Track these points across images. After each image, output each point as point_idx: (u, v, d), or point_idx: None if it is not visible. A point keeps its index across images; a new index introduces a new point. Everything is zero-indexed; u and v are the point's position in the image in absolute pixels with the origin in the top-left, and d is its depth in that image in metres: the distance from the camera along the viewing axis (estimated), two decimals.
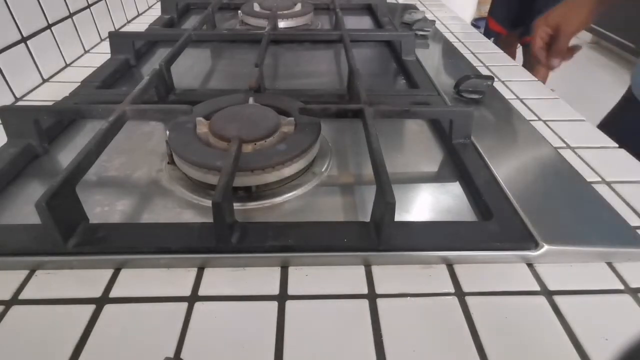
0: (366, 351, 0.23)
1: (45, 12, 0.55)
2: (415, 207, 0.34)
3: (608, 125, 0.62)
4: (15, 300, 0.26)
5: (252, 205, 0.33)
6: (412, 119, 0.45)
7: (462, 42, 0.70)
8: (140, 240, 0.28)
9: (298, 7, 0.74)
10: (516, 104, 0.49)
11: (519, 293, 0.27)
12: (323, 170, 0.37)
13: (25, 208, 0.33)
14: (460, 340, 0.24)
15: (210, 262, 0.28)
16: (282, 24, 0.69)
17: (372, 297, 0.27)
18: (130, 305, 0.26)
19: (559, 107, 0.50)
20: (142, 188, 0.35)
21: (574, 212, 0.32)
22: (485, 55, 0.65)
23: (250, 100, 0.41)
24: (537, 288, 0.27)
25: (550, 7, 0.62)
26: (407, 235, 0.29)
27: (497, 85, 0.53)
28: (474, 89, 0.47)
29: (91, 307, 0.26)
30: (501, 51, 0.67)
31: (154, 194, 0.35)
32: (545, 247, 0.28)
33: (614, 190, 0.36)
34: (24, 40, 0.51)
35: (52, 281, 0.27)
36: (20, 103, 0.49)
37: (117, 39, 0.58)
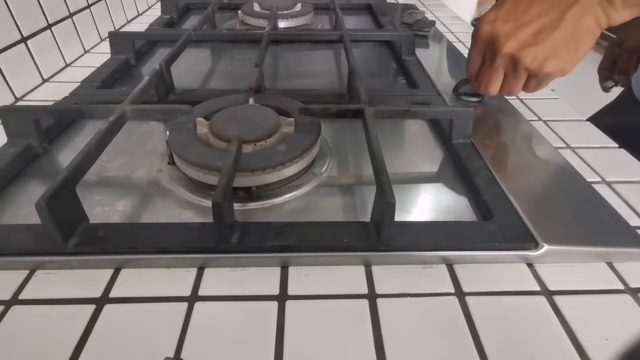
0: (366, 351, 0.23)
1: (45, 12, 0.55)
2: (415, 207, 0.34)
3: (602, 119, 0.61)
4: (15, 300, 0.26)
5: (252, 205, 0.33)
6: (412, 119, 0.45)
7: (462, 42, 0.70)
8: (140, 240, 0.28)
9: (298, 7, 0.74)
10: (516, 104, 0.49)
11: (519, 293, 0.27)
12: (323, 170, 0.37)
13: (25, 208, 0.33)
14: (460, 340, 0.24)
15: (210, 262, 0.28)
16: (282, 24, 0.69)
17: (372, 297, 0.27)
18: (130, 305, 0.26)
19: (559, 107, 0.50)
20: (142, 188, 0.35)
21: (574, 212, 0.32)
22: None
23: (251, 100, 0.41)
24: (537, 288, 0.27)
25: None
26: (407, 235, 0.29)
27: None
28: (473, 91, 0.47)
29: (91, 307, 0.26)
30: None
31: (154, 194, 0.35)
32: (545, 247, 0.28)
33: (614, 190, 0.36)
34: (24, 40, 0.51)
35: (52, 281, 0.27)
36: (20, 103, 0.49)
37: (117, 39, 0.58)
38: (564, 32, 0.36)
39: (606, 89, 0.63)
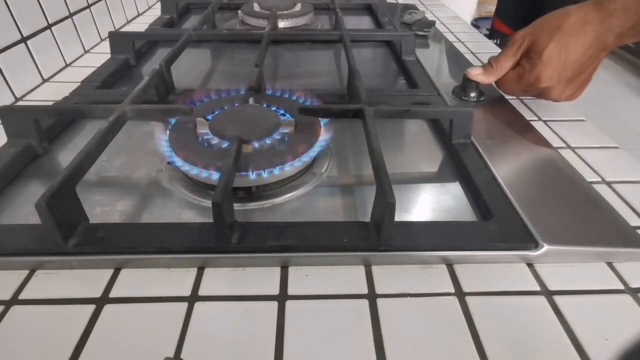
0: (366, 351, 0.23)
1: (45, 12, 0.55)
2: (416, 207, 0.34)
3: None
4: (15, 300, 0.26)
5: (252, 205, 0.33)
6: (412, 119, 0.45)
7: (462, 42, 0.70)
8: (140, 240, 0.28)
9: (298, 7, 0.74)
10: (516, 104, 0.49)
11: (519, 293, 0.27)
12: (323, 170, 0.37)
13: (25, 208, 0.33)
14: (460, 340, 0.24)
15: (210, 262, 0.28)
16: (282, 24, 0.69)
17: (372, 297, 0.27)
18: (130, 305, 0.26)
19: (559, 107, 0.49)
20: (142, 188, 0.35)
21: (574, 212, 0.32)
22: (486, 55, 0.65)
23: (251, 100, 0.41)
24: (537, 288, 0.27)
25: (561, 7, 0.59)
26: (407, 235, 0.29)
27: None
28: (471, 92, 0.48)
29: (91, 307, 0.26)
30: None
31: (154, 194, 0.34)
32: (545, 247, 0.28)
33: (614, 190, 0.36)
34: (24, 40, 0.51)
35: (52, 281, 0.27)
36: (20, 103, 0.49)
37: (117, 39, 0.58)
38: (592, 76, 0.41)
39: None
